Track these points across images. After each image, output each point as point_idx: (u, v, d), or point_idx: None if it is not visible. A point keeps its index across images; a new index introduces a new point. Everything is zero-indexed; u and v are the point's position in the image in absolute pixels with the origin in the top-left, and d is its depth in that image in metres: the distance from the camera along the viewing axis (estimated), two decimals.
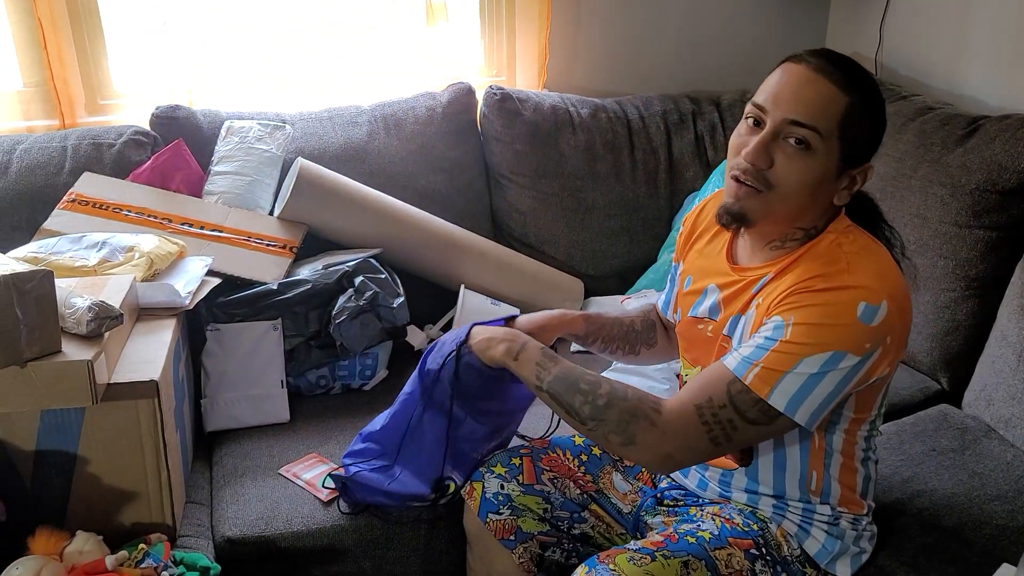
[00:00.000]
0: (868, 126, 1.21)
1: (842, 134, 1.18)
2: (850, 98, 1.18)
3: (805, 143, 1.18)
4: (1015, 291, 1.74)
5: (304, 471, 1.70)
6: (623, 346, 1.59)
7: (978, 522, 1.44)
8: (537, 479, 1.48)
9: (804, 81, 1.19)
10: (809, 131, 1.17)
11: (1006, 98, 2.12)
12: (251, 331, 1.89)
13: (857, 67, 1.22)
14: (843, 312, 1.16)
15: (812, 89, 1.18)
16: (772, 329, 1.19)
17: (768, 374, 1.18)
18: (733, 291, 1.32)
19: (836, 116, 1.18)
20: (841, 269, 1.19)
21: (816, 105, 1.17)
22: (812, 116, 1.17)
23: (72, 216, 1.95)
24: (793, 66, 1.21)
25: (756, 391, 1.18)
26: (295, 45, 2.42)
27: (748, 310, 1.28)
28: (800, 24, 2.76)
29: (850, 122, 1.18)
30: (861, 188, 1.25)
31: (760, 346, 1.19)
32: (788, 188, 1.20)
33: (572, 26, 2.60)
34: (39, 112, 2.29)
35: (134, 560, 1.35)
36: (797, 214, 1.24)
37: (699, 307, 1.39)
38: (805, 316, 1.17)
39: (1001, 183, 1.79)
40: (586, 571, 1.24)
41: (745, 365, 1.19)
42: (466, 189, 2.38)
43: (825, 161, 1.19)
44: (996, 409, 1.71)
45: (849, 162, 1.21)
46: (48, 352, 1.33)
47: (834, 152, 1.19)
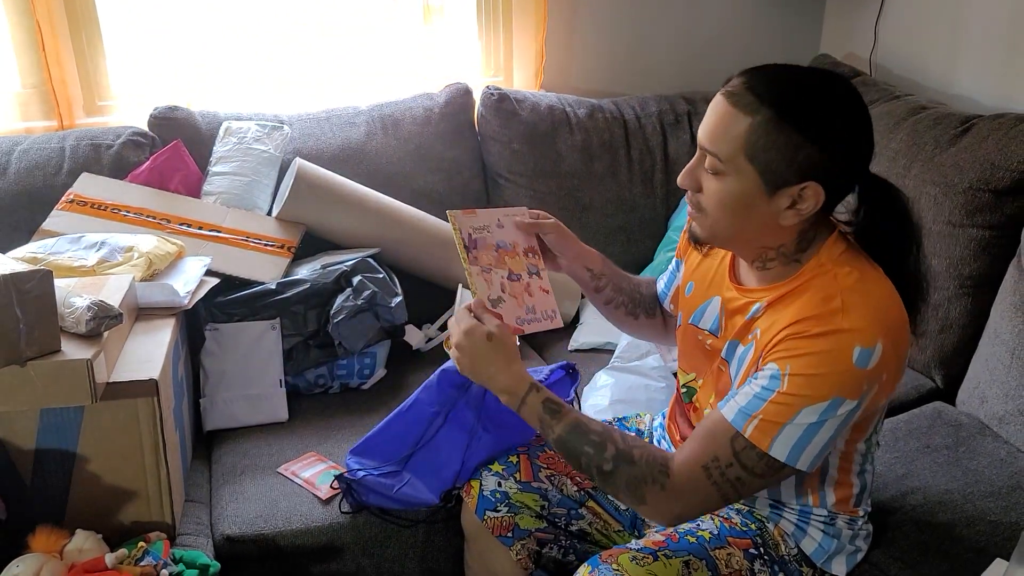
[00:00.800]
0: (784, 144, 1.12)
1: (750, 156, 1.14)
2: (753, 119, 1.13)
3: (713, 168, 1.17)
4: (1008, 289, 1.75)
5: (303, 470, 1.71)
6: (627, 303, 1.55)
7: (972, 518, 1.45)
8: (534, 476, 1.49)
9: (713, 106, 1.18)
10: (711, 156, 1.17)
11: (999, 97, 2.13)
12: (250, 331, 1.90)
13: (779, 82, 1.15)
14: (838, 359, 1.13)
15: (715, 114, 1.17)
16: (768, 379, 1.17)
17: (768, 426, 1.17)
18: (734, 308, 1.31)
19: (737, 139, 1.14)
20: (835, 309, 1.15)
21: (716, 130, 1.16)
22: (712, 141, 1.17)
23: (71, 217, 1.96)
24: (718, 92, 1.20)
25: (758, 444, 1.17)
26: (293, 46, 2.43)
27: (747, 342, 1.27)
28: (795, 24, 2.77)
29: (755, 143, 1.13)
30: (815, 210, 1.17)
31: (757, 396, 1.18)
32: (713, 212, 1.20)
33: (569, 27, 2.61)
34: (37, 113, 2.29)
35: (133, 558, 1.35)
36: (748, 235, 1.22)
37: (701, 317, 1.39)
38: (800, 367, 1.15)
39: (994, 182, 1.80)
40: (589, 571, 1.24)
41: (744, 417, 1.18)
42: (463, 189, 2.39)
43: (739, 184, 1.16)
44: (990, 406, 1.72)
45: (776, 183, 1.15)
46: (47, 351, 1.33)
47: (748, 174, 1.15)
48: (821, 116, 1.13)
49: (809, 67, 1.20)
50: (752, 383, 1.20)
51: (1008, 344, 1.70)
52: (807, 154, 1.13)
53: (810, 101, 1.14)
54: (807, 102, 1.14)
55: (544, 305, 1.43)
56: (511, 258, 1.43)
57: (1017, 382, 1.66)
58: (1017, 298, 1.71)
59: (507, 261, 1.43)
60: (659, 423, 1.57)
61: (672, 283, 1.55)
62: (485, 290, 1.37)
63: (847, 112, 1.16)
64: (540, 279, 1.45)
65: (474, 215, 1.43)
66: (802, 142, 1.12)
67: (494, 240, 1.43)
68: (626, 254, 2.43)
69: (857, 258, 1.22)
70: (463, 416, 1.54)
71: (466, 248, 1.39)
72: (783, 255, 1.23)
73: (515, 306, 1.39)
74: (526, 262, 1.45)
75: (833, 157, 1.14)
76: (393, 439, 1.62)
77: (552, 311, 1.44)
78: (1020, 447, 1.63)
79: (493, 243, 1.42)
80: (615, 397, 1.86)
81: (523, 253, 1.45)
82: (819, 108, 1.14)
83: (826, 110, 1.14)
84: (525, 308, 1.41)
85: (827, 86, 1.17)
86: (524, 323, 1.40)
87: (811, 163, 1.13)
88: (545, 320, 1.43)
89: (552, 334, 1.49)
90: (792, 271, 1.23)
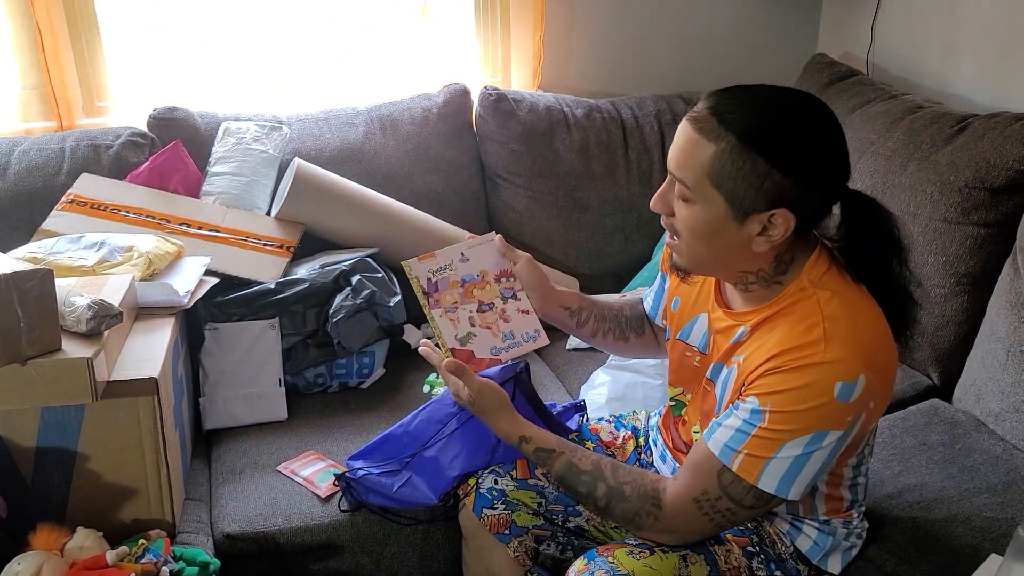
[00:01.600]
0: (750, 171, 1.10)
1: (716, 183, 1.12)
2: (717, 146, 1.11)
3: (681, 195, 1.17)
4: (1004, 287, 1.76)
5: (302, 468, 1.71)
6: (614, 328, 1.56)
7: (968, 514, 1.45)
8: (531, 474, 1.49)
9: (679, 131, 1.17)
10: (679, 183, 1.16)
11: (995, 97, 2.14)
12: (249, 330, 1.91)
13: (745, 108, 1.12)
14: (819, 393, 1.12)
15: (681, 139, 1.16)
16: (750, 413, 1.16)
17: (753, 461, 1.16)
18: (721, 328, 1.30)
19: (703, 166, 1.12)
20: (816, 340, 1.13)
21: (682, 156, 1.15)
22: (679, 167, 1.16)
23: (70, 217, 1.96)
24: (685, 116, 1.18)
25: (745, 478, 1.17)
26: (292, 47, 2.44)
27: (730, 365, 1.26)
28: (792, 24, 2.78)
29: (720, 170, 1.11)
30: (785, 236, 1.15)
31: (740, 430, 1.17)
32: (686, 236, 1.20)
33: (566, 27, 2.62)
34: (37, 114, 2.30)
35: (134, 556, 1.36)
36: (724, 260, 1.21)
37: (688, 334, 1.39)
38: (781, 403, 1.14)
39: (990, 180, 1.81)
40: (585, 563, 1.25)
41: (729, 453, 1.18)
42: (462, 189, 2.40)
43: (707, 211, 1.15)
44: (986, 404, 1.73)
45: (745, 210, 1.13)
46: (48, 350, 1.34)
47: (716, 201, 1.13)
48: (788, 142, 1.11)
49: (778, 88, 1.17)
50: (735, 414, 1.19)
51: (1004, 341, 1.71)
52: (774, 181, 1.10)
53: (776, 127, 1.11)
54: (773, 128, 1.11)
55: (524, 327, 1.45)
56: (480, 289, 1.46)
57: (1013, 379, 1.67)
58: (1013, 296, 1.72)
59: (475, 293, 1.45)
60: (654, 421, 1.57)
61: (661, 297, 1.55)
62: (451, 331, 1.41)
63: (816, 136, 1.12)
64: (517, 301, 1.46)
65: (432, 258, 1.45)
66: (768, 169, 1.10)
67: (458, 276, 1.45)
68: (624, 254, 2.43)
69: (840, 278, 1.19)
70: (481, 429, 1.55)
71: (425, 294, 1.43)
72: (763, 279, 1.21)
73: (489, 337, 1.42)
74: (499, 288, 1.46)
75: (801, 183, 1.11)
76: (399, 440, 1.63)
77: (535, 331, 1.45)
78: (1016, 444, 1.64)
79: (458, 279, 1.45)
80: (612, 395, 1.87)
81: (495, 279, 1.47)
82: (786, 134, 1.11)
83: (793, 136, 1.11)
84: (501, 336, 1.43)
85: (796, 110, 1.13)
86: (500, 351, 1.43)
87: (779, 190, 1.11)
88: (527, 343, 1.44)
89: (550, 332, 1.49)
90: (774, 293, 1.21)
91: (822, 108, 1.15)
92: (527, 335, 1.45)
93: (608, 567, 1.22)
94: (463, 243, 1.49)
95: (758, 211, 1.12)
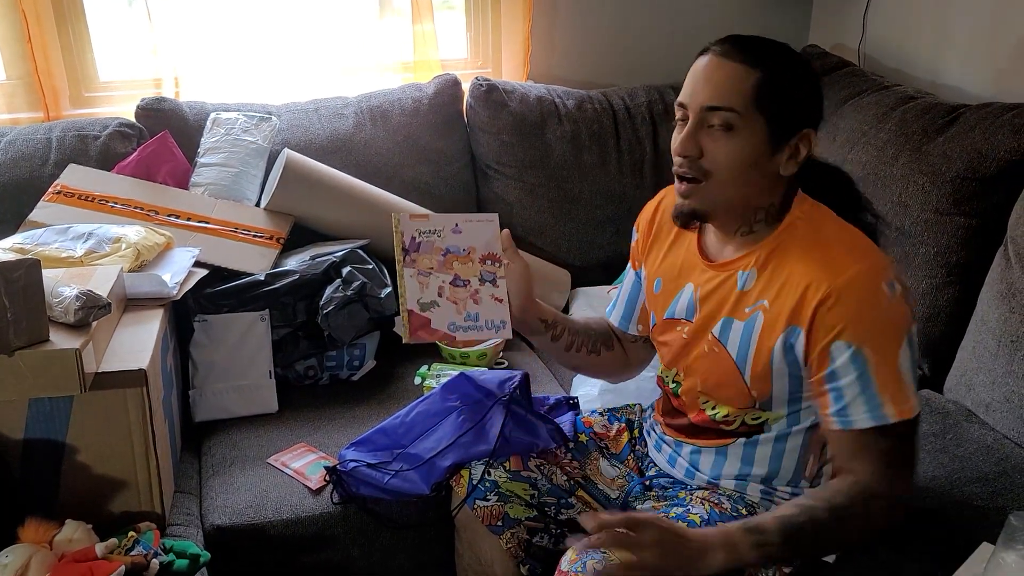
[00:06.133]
0: (788, 95, 1.22)
1: (760, 108, 1.20)
2: (759, 73, 1.20)
3: (726, 125, 1.20)
4: (995, 277, 1.76)
5: (293, 460, 1.71)
6: (587, 342, 1.54)
7: (959, 504, 1.46)
8: (524, 465, 1.49)
9: (712, 68, 1.22)
10: (726, 112, 1.20)
11: (986, 87, 2.14)
12: (238, 322, 1.90)
13: (766, 43, 1.24)
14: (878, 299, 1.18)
15: (720, 73, 1.21)
16: (851, 366, 1.18)
17: (896, 394, 1.18)
18: (712, 288, 1.32)
19: (748, 92, 1.20)
20: (840, 255, 1.20)
21: (726, 86, 1.20)
22: (724, 98, 1.20)
23: (58, 208, 1.95)
24: (702, 58, 1.24)
25: (902, 417, 1.19)
26: (281, 36, 2.42)
27: (750, 315, 1.27)
28: (783, 14, 2.77)
29: (765, 95, 1.20)
30: (810, 155, 1.25)
31: (862, 383, 1.18)
32: (723, 172, 1.22)
33: (556, 18, 2.61)
34: (23, 105, 2.28)
35: (124, 548, 1.35)
36: (748, 196, 1.25)
37: (674, 308, 1.40)
38: (861, 328, 1.18)
39: (981, 171, 1.81)
40: (576, 552, 1.24)
41: (875, 409, 1.19)
42: (453, 180, 2.39)
43: (751, 138, 1.21)
44: (976, 394, 1.73)
45: (781, 134, 1.22)
46: (36, 341, 1.33)
47: (759, 127, 1.21)
48: (803, 70, 1.25)
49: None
50: (843, 381, 1.20)
51: (995, 332, 1.71)
52: (802, 102, 1.23)
53: (791, 58, 1.24)
54: (789, 59, 1.24)
55: (491, 315, 1.42)
56: (462, 263, 1.42)
57: (1004, 369, 1.67)
58: (1004, 286, 1.72)
59: (455, 266, 1.42)
60: (648, 413, 1.57)
61: (635, 299, 1.54)
62: (416, 294, 1.39)
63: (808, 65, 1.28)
64: (495, 287, 1.43)
65: (424, 219, 1.43)
66: (798, 92, 1.23)
67: (443, 244, 1.42)
68: (615, 245, 2.43)
69: (821, 207, 1.29)
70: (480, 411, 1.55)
71: (404, 250, 1.41)
72: (770, 215, 1.27)
73: (451, 311, 1.40)
74: (481, 268, 1.43)
75: (818, 105, 1.26)
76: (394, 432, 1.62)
77: (500, 322, 1.42)
78: (1006, 434, 1.64)
79: (442, 247, 1.42)
80: (605, 387, 1.87)
81: (480, 260, 1.43)
82: (799, 63, 1.25)
83: (803, 65, 1.25)
84: (464, 315, 1.40)
85: (788, 47, 1.26)
86: (457, 330, 1.40)
87: (805, 111, 1.23)
88: (488, 331, 1.41)
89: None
90: (772, 229, 1.27)
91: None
92: (491, 323, 1.41)
93: (600, 556, 1.22)
94: (461, 215, 1.46)
95: (791, 133, 1.22)
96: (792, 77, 1.22)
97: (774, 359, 1.26)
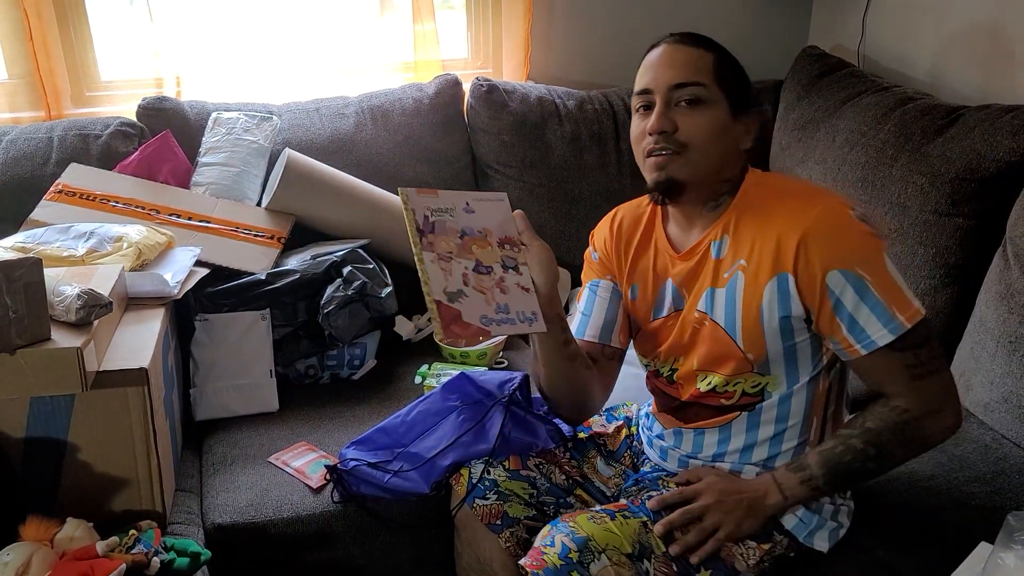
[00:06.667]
0: (738, 74, 1.34)
1: (720, 83, 1.30)
2: (714, 54, 1.31)
3: (695, 99, 1.29)
4: (994, 278, 1.77)
5: (293, 459, 1.71)
6: (582, 355, 1.45)
7: (957, 503, 1.47)
8: (523, 465, 1.49)
9: (671, 52, 1.32)
10: (694, 86, 1.29)
11: (985, 89, 2.15)
12: (239, 321, 1.90)
13: (708, 36, 1.35)
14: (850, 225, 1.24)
15: (680, 55, 1.31)
16: (854, 288, 1.23)
17: (898, 300, 1.23)
18: (689, 272, 1.36)
19: (710, 68, 1.30)
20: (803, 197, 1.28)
21: (690, 65, 1.30)
22: (691, 74, 1.29)
23: (59, 207, 1.95)
24: (656, 49, 1.34)
25: (915, 320, 1.23)
26: (282, 36, 2.43)
27: (727, 280, 1.31)
28: (783, 16, 2.78)
29: (722, 72, 1.31)
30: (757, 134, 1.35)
31: (870, 302, 1.23)
32: (700, 141, 1.29)
33: (556, 18, 2.62)
34: (25, 104, 2.29)
35: (125, 546, 1.35)
36: (720, 166, 1.32)
37: (662, 308, 1.42)
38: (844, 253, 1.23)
39: (980, 172, 1.82)
40: (548, 528, 1.29)
41: (889, 320, 1.23)
42: (453, 180, 2.39)
43: (718, 109, 1.30)
44: (975, 394, 1.74)
45: (738, 108, 1.32)
46: (37, 340, 1.33)
47: (721, 99, 1.30)
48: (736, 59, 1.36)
49: None
50: (850, 306, 1.23)
51: (993, 333, 1.71)
52: (746, 83, 1.35)
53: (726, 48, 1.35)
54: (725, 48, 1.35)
55: (521, 305, 1.25)
56: (480, 247, 1.26)
57: (1002, 370, 1.68)
58: (1003, 287, 1.72)
59: (474, 250, 1.25)
60: (645, 411, 1.58)
61: (613, 312, 1.49)
62: (441, 282, 1.20)
63: None
64: (519, 275, 1.27)
65: (434, 195, 1.27)
66: (742, 74, 1.35)
67: (459, 225, 1.26)
68: None
69: (768, 172, 1.40)
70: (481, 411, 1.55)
71: (419, 231, 1.22)
72: (733, 184, 1.34)
73: (481, 302, 1.21)
74: (501, 254, 1.27)
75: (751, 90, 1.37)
76: (395, 431, 1.63)
77: (532, 313, 1.25)
78: (1005, 434, 1.65)
79: (457, 228, 1.26)
80: None
81: (498, 243, 1.28)
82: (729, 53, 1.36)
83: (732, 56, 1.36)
84: (495, 306, 1.22)
85: None
86: (491, 323, 1.21)
87: (749, 91, 1.35)
88: (522, 323, 1.24)
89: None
90: (732, 197, 1.34)
91: None
92: (523, 315, 1.24)
93: (568, 530, 1.25)
94: (470, 192, 1.33)
95: (745, 107, 1.33)
96: (735, 61, 1.34)
97: (763, 315, 1.29)
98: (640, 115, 1.33)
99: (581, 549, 1.23)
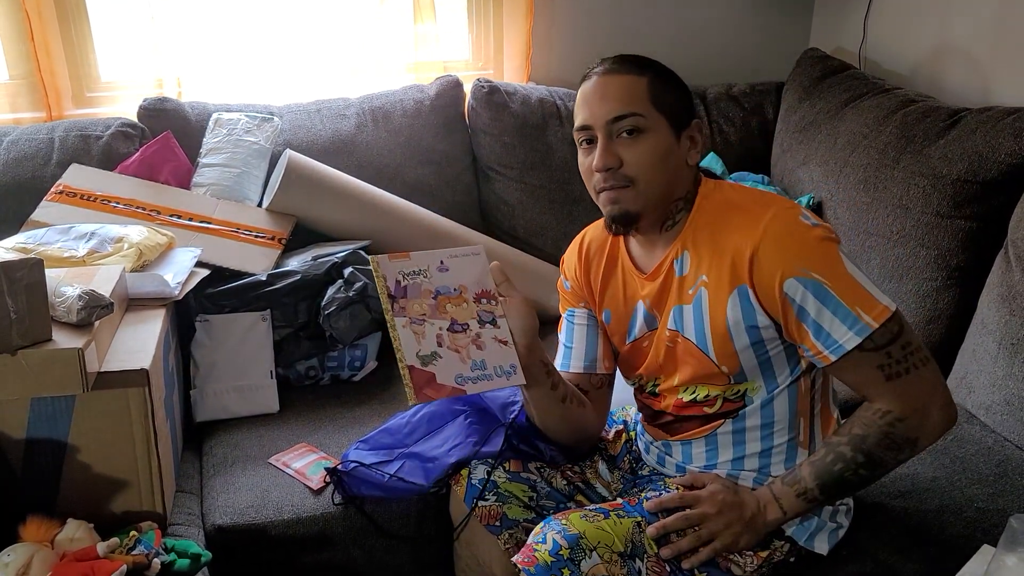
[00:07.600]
0: (673, 91, 1.31)
1: (658, 106, 1.28)
2: (647, 76, 1.29)
3: (635, 129, 1.27)
4: (995, 280, 1.77)
5: (294, 460, 1.71)
6: (574, 394, 1.46)
7: (959, 505, 1.46)
8: (523, 467, 1.49)
9: (604, 84, 1.30)
10: (632, 117, 1.27)
11: (987, 91, 2.15)
12: (240, 322, 1.90)
13: (639, 56, 1.33)
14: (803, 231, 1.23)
15: (613, 86, 1.29)
16: (814, 293, 1.21)
17: (863, 301, 1.21)
18: (657, 291, 1.35)
19: (645, 95, 1.28)
20: (754, 207, 1.26)
21: (625, 96, 1.28)
22: (627, 105, 1.27)
23: (60, 208, 1.95)
24: (587, 82, 1.32)
25: (883, 318, 1.20)
26: (283, 37, 2.42)
27: (693, 297, 1.31)
28: (784, 18, 2.78)
29: (658, 94, 1.29)
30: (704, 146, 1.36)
31: (833, 304, 1.20)
32: (646, 172, 1.28)
33: (557, 19, 2.61)
34: (26, 104, 2.29)
35: (125, 547, 1.35)
36: (670, 190, 1.31)
37: (634, 330, 1.42)
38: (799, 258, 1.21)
39: (982, 174, 1.82)
40: (541, 526, 1.28)
41: (854, 323, 1.20)
42: (454, 181, 2.39)
43: (659, 134, 1.28)
44: (977, 396, 1.74)
45: (678, 125, 1.31)
46: (38, 340, 1.33)
47: (661, 123, 1.29)
48: (672, 71, 1.34)
49: None
50: (813, 311, 1.22)
51: (995, 335, 1.71)
52: (683, 96, 1.33)
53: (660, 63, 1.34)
54: (660, 64, 1.34)
55: (499, 359, 1.28)
56: (456, 305, 1.29)
57: (1004, 372, 1.68)
58: (1004, 289, 1.72)
59: (448, 309, 1.28)
60: (638, 417, 1.58)
61: (594, 340, 1.50)
62: (414, 346, 1.24)
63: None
64: (496, 328, 1.30)
65: (406, 259, 1.29)
66: (678, 88, 1.33)
67: (432, 286, 1.29)
68: None
69: (720, 182, 1.37)
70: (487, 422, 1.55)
71: (391, 297, 1.26)
72: (687, 202, 1.33)
73: (455, 362, 1.25)
74: (477, 309, 1.30)
75: (691, 98, 1.36)
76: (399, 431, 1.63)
77: (510, 366, 1.28)
78: (1007, 436, 1.65)
79: (431, 289, 1.29)
80: None
81: (474, 299, 1.31)
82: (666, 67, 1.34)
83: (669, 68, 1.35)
84: (471, 364, 1.26)
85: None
86: (466, 382, 1.25)
87: (688, 103, 1.34)
88: (499, 377, 1.27)
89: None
90: (687, 213, 1.33)
91: None
92: (501, 369, 1.28)
93: (560, 527, 1.25)
94: (443, 250, 1.33)
95: (686, 124, 1.32)
96: (670, 76, 1.33)
97: (731, 328, 1.28)
98: (584, 150, 1.32)
99: (572, 546, 1.23)
